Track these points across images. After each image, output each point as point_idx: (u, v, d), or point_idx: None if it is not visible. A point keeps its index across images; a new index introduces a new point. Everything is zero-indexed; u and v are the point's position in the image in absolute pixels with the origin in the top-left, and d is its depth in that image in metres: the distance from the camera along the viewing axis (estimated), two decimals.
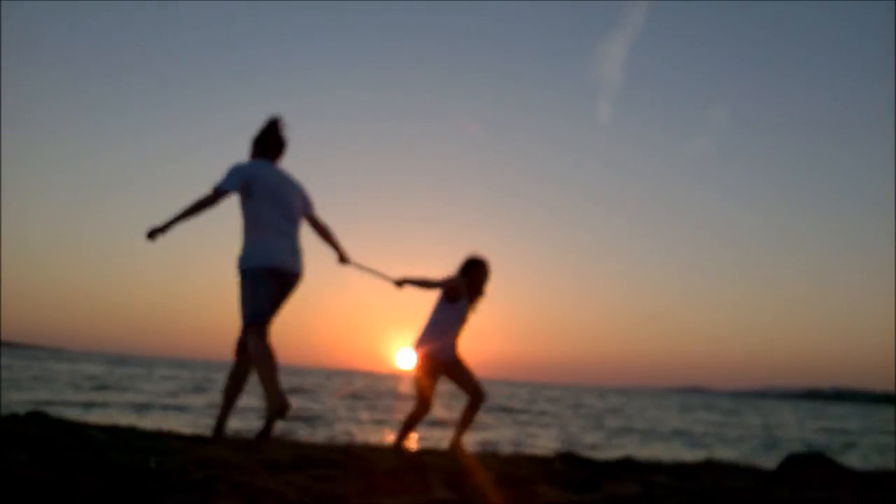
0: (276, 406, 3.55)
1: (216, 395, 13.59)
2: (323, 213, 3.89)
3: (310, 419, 10.15)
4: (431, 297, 4.34)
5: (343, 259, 3.96)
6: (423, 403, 4.35)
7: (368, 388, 23.29)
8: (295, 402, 4.20)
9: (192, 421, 8.85)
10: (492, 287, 4.43)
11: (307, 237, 3.78)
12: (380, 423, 10.71)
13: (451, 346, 4.30)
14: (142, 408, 10.08)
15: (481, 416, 5.07)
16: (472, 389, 4.40)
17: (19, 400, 9.72)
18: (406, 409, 4.66)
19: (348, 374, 62.78)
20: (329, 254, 3.96)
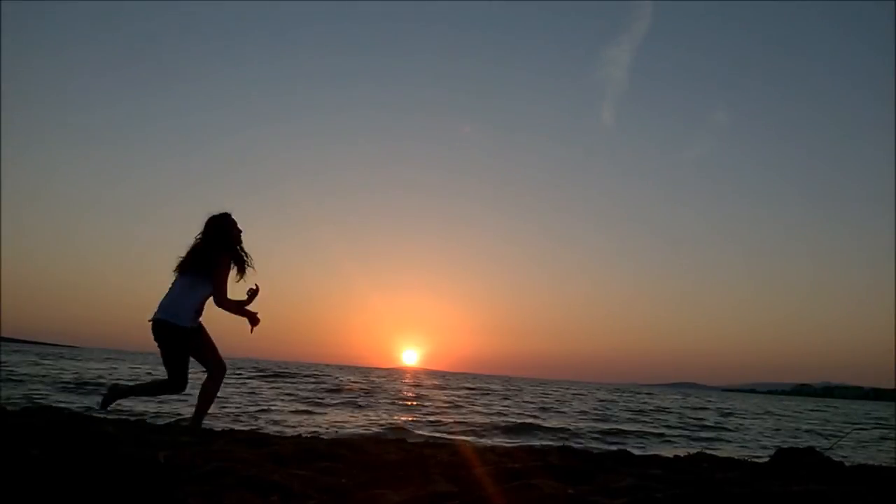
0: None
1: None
2: (330, 215, 4.03)
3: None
4: (443, 307, 4.17)
5: None
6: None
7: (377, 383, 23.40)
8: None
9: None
10: (494, 286, 4.31)
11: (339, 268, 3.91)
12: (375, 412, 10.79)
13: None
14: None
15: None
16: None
17: (27, 395, 9.73)
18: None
19: (366, 370, 63.13)
20: (351, 280, 4.13)
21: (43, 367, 18.25)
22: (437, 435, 8.02)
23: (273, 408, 10.47)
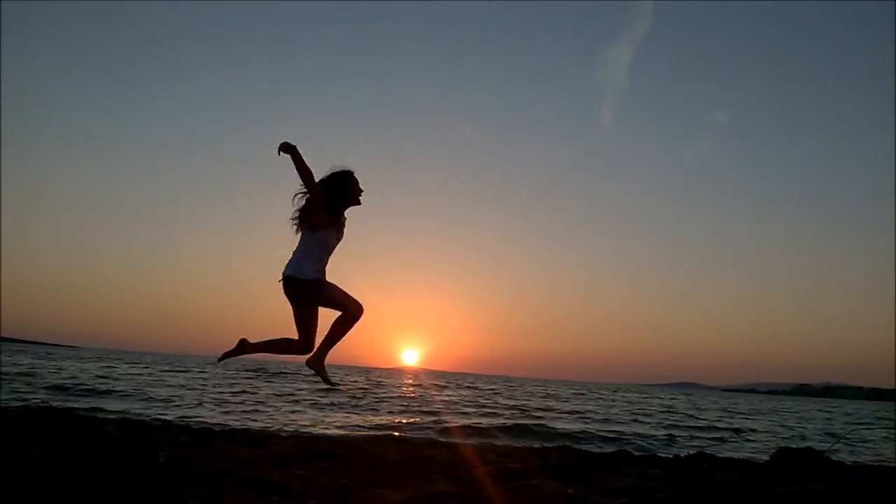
0: None
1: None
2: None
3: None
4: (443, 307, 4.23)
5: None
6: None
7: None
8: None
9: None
10: (494, 286, 4.35)
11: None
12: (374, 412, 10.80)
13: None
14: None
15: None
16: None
17: (22, 395, 9.73)
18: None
19: (365, 370, 63.15)
20: (350, 280, 4.11)
21: (39, 367, 18.25)
22: (437, 435, 8.02)
23: (273, 407, 10.47)
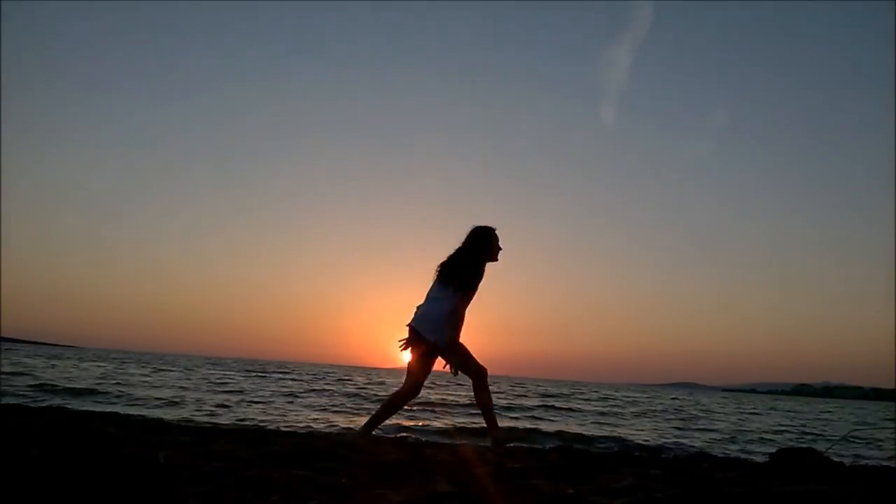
0: None
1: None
2: (325, 215, 4.15)
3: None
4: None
5: None
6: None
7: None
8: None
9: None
10: (494, 286, 4.46)
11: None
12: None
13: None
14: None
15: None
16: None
17: (28, 395, 9.74)
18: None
19: (365, 370, 63.30)
20: (351, 279, 4.43)
21: (39, 367, 18.26)
22: (438, 435, 8.02)
23: (273, 407, 10.47)
